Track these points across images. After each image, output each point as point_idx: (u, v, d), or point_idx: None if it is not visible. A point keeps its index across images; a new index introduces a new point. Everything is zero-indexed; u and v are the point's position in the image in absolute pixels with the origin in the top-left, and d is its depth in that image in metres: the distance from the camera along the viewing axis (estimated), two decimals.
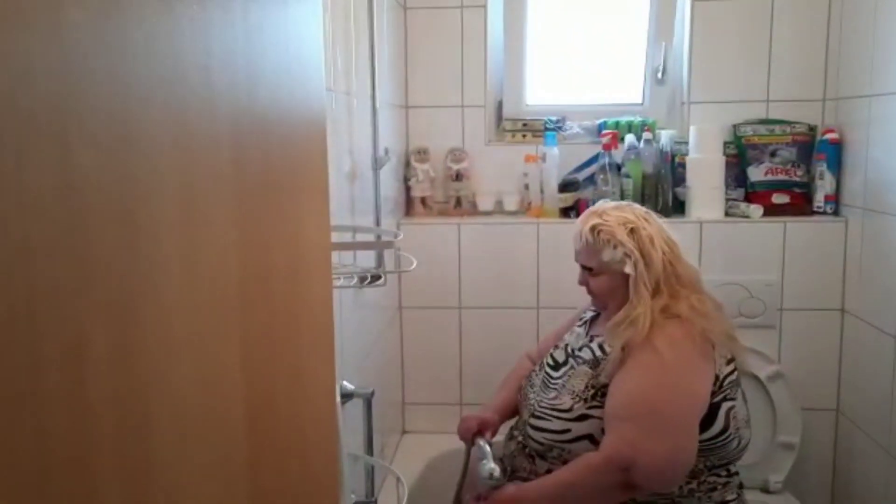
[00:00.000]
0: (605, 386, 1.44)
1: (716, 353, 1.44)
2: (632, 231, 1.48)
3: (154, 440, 0.36)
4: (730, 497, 1.48)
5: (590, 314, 1.67)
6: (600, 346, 1.50)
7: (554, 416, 1.47)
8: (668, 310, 1.43)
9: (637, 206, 1.58)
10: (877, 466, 1.92)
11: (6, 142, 0.26)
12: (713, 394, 1.42)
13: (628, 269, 1.46)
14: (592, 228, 1.50)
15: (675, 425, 1.37)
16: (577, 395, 1.47)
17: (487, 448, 1.51)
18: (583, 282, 1.59)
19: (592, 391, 1.45)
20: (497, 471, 1.43)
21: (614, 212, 1.52)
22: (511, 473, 1.55)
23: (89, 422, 0.31)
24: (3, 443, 0.26)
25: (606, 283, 1.52)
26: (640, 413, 1.36)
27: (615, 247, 1.48)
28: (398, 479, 1.29)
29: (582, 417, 1.44)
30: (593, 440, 1.43)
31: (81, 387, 0.30)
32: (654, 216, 1.55)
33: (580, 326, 1.66)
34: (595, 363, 1.48)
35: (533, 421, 1.51)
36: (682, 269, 1.49)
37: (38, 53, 0.28)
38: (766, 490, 2.03)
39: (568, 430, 1.45)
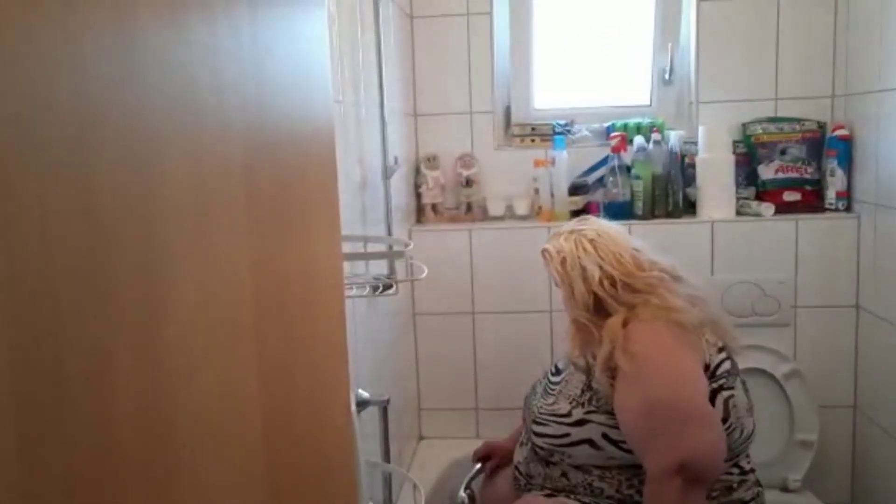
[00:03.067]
0: (600, 392, 1.46)
1: (702, 340, 1.45)
2: (563, 261, 1.57)
3: (176, 452, 0.37)
4: (748, 497, 1.47)
5: None
6: (592, 353, 1.52)
7: (553, 422, 1.50)
8: (627, 322, 1.46)
9: (592, 228, 1.60)
10: None
11: (30, 171, 0.28)
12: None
13: (562, 296, 1.60)
14: (542, 252, 1.63)
15: (690, 407, 1.38)
16: (574, 400, 1.49)
17: (471, 475, 1.75)
18: None
19: (588, 395, 1.48)
20: (464, 499, 1.67)
21: (562, 239, 1.60)
22: (527, 479, 1.56)
23: (114, 437, 0.32)
24: (32, 457, 0.28)
25: (563, 295, 1.62)
26: (658, 420, 1.37)
27: (552, 272, 1.60)
28: (415, 486, 1.30)
29: (580, 422, 1.47)
30: (593, 444, 1.45)
31: (106, 403, 0.32)
32: (604, 239, 1.56)
33: None
34: (587, 368, 1.50)
35: (535, 427, 1.54)
36: (641, 279, 1.51)
37: (57, 86, 0.29)
38: (785, 489, 2.02)
39: (567, 435, 1.47)
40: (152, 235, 0.35)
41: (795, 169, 2.14)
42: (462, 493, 1.68)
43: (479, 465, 1.79)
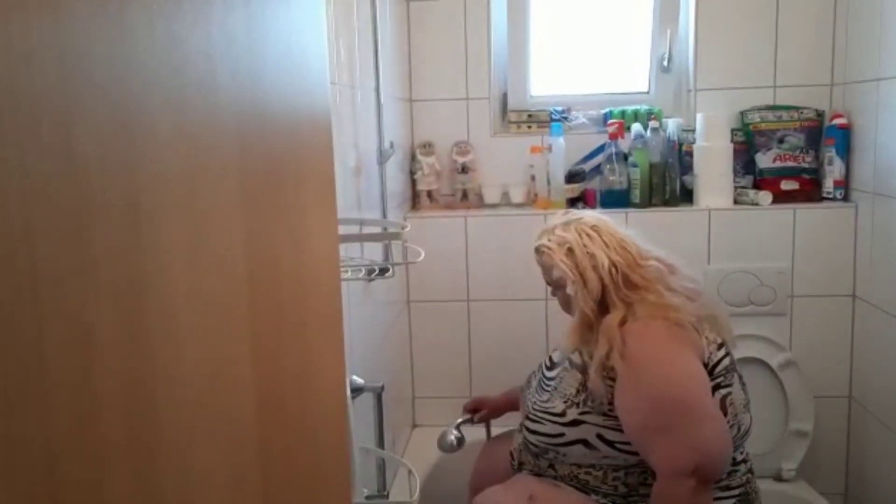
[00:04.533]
0: (595, 393, 1.43)
1: (702, 338, 1.43)
2: (569, 251, 1.49)
3: (162, 429, 0.36)
4: (735, 483, 1.46)
5: None
6: (588, 351, 1.48)
7: (547, 420, 1.48)
8: (625, 321, 1.42)
9: (589, 215, 1.56)
10: (890, 452, 1.91)
11: (8, 128, 0.26)
12: None
13: (569, 290, 1.48)
14: (537, 249, 1.54)
15: (700, 405, 1.36)
16: (569, 400, 1.47)
17: (460, 420, 1.82)
18: (553, 294, 1.62)
19: (584, 395, 1.45)
20: (453, 441, 1.78)
21: (559, 230, 1.53)
22: (519, 464, 1.57)
23: (95, 410, 0.31)
24: (9, 431, 0.26)
25: (563, 297, 1.55)
26: (668, 418, 1.34)
27: (555, 268, 1.50)
28: (409, 471, 1.29)
29: (575, 423, 1.44)
30: (588, 445, 1.43)
31: (87, 375, 0.30)
32: (605, 225, 1.52)
33: None
34: (583, 368, 1.46)
35: (528, 423, 1.52)
36: (639, 272, 1.47)
37: (38, 39, 0.27)
38: (779, 478, 2.02)
39: (562, 434, 1.45)
40: (137, 201, 0.33)
41: (793, 157, 2.13)
42: (451, 433, 1.78)
43: (468, 416, 1.83)
